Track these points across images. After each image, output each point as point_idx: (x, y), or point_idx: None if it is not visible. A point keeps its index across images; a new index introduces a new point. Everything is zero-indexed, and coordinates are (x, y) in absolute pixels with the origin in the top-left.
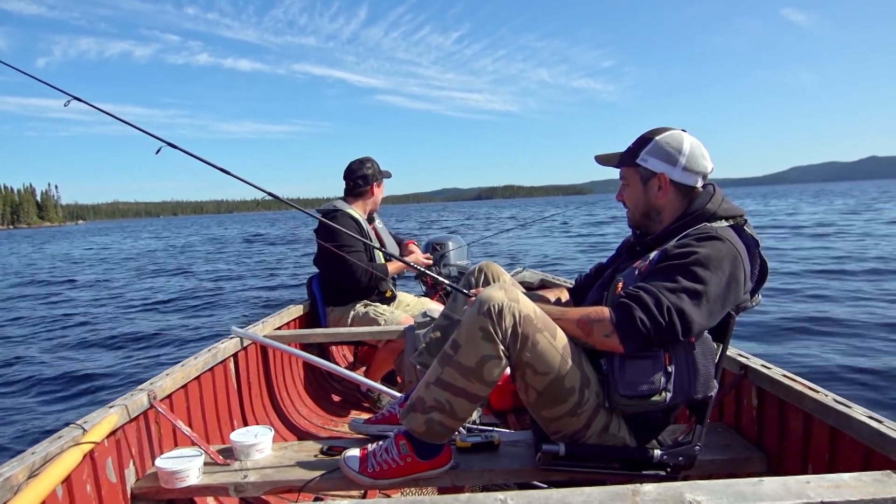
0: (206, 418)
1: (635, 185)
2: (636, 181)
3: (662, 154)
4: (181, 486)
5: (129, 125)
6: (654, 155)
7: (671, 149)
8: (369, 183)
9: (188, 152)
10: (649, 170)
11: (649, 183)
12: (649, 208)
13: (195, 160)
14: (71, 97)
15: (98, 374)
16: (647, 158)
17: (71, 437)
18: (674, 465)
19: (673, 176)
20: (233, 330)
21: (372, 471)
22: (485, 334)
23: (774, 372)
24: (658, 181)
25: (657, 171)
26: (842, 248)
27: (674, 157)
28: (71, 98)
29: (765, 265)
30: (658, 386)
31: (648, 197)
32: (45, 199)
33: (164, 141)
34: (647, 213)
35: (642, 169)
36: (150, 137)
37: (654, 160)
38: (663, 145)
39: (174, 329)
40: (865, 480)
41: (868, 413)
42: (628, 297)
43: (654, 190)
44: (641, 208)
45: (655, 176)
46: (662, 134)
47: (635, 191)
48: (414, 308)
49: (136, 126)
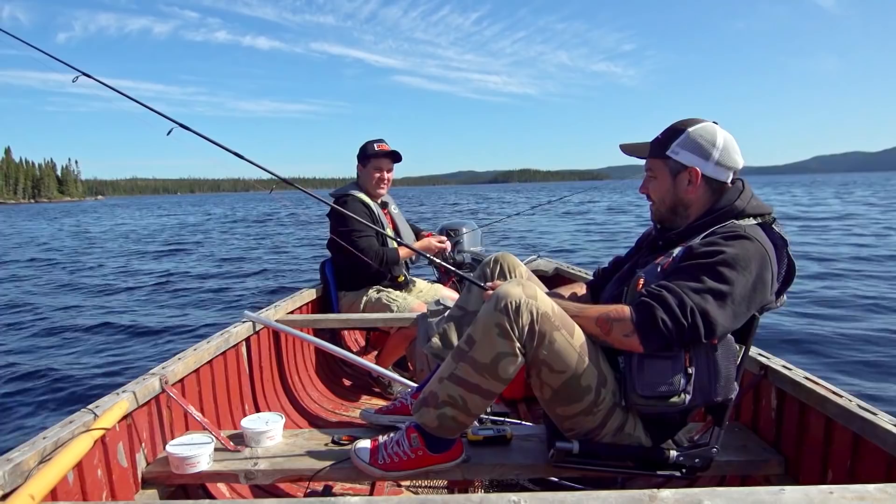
0: (217, 403)
1: (663, 178)
2: (665, 174)
3: (695, 147)
4: (192, 472)
5: (139, 104)
6: (686, 147)
7: (704, 142)
8: (359, 164)
9: (200, 134)
10: (680, 163)
11: (679, 177)
12: (677, 203)
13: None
14: (79, 73)
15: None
16: (679, 151)
17: (82, 423)
18: (689, 466)
19: (705, 170)
20: (245, 314)
21: (382, 462)
22: (501, 331)
23: (796, 374)
24: (688, 175)
25: (688, 165)
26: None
27: (707, 150)
28: (79, 74)
29: (792, 265)
30: (677, 387)
31: (677, 191)
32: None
33: (176, 122)
34: (674, 207)
35: (672, 162)
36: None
37: (685, 153)
38: (696, 138)
39: (186, 313)
40: (891, 492)
41: (894, 421)
42: (650, 296)
43: (684, 184)
44: (668, 203)
45: (686, 170)
46: (695, 126)
47: (663, 184)
48: (427, 294)
49: (147, 105)
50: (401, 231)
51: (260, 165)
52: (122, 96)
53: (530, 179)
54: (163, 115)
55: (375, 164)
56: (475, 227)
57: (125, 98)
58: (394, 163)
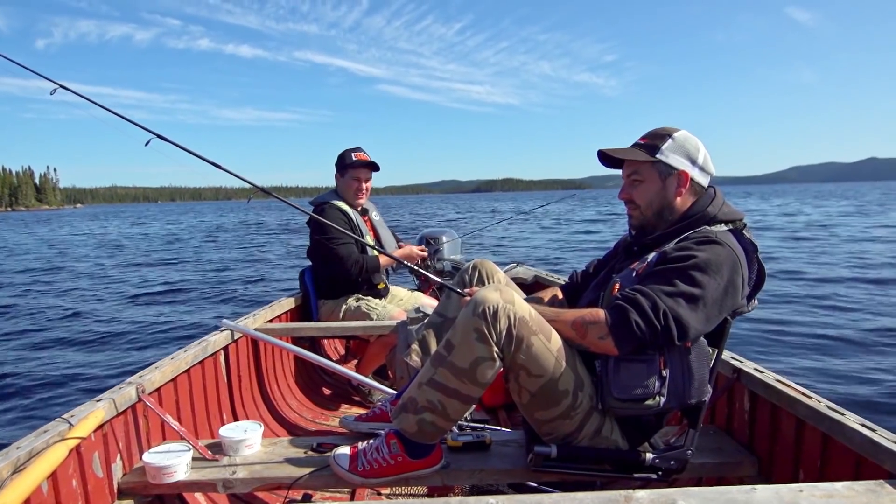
0: (195, 412)
1: (652, 181)
2: (653, 177)
3: (683, 151)
4: (169, 482)
5: (118, 115)
6: (675, 151)
7: (690, 146)
8: (337, 173)
9: (178, 145)
10: (671, 166)
11: (669, 179)
12: (664, 206)
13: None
14: (58, 85)
15: (84, 366)
16: (668, 154)
17: (57, 432)
18: (665, 468)
19: (693, 174)
20: (223, 323)
21: (362, 469)
22: (479, 336)
23: (767, 376)
24: (678, 178)
25: (678, 168)
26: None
27: (693, 154)
28: (57, 86)
29: (762, 270)
30: (652, 390)
31: (666, 194)
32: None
33: (154, 132)
34: (661, 211)
35: (662, 164)
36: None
37: (675, 156)
38: (683, 142)
39: (163, 321)
40: (858, 490)
41: (861, 421)
42: (624, 299)
43: (674, 187)
44: (656, 206)
45: (675, 172)
46: (679, 131)
47: (652, 187)
48: (407, 302)
49: (125, 117)
50: (382, 238)
51: (238, 175)
52: (100, 108)
53: (513, 189)
54: (141, 126)
55: (353, 174)
56: (455, 236)
57: (104, 109)
58: (372, 172)
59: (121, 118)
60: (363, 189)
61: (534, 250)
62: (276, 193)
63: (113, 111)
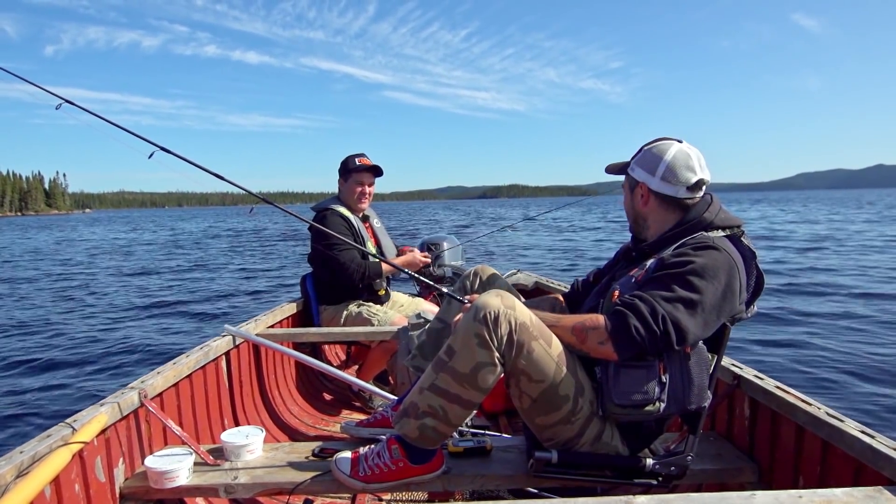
0: (196, 417)
1: (626, 193)
2: (626, 188)
3: (644, 164)
4: (171, 487)
5: (121, 129)
6: (639, 164)
7: (653, 157)
8: (339, 179)
9: (182, 157)
10: (634, 178)
11: (634, 191)
12: (636, 215)
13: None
14: (63, 100)
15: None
16: (635, 168)
17: (60, 437)
18: (665, 474)
19: (651, 185)
20: (225, 328)
21: (363, 474)
22: (480, 341)
23: (767, 383)
24: (640, 189)
25: (639, 180)
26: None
27: (653, 167)
28: (62, 101)
29: (761, 276)
30: (652, 396)
31: (634, 204)
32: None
33: (158, 145)
34: (636, 220)
35: (630, 178)
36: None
37: (638, 169)
38: (647, 155)
39: (166, 326)
40: (857, 496)
41: (861, 427)
42: (623, 305)
43: (638, 198)
44: (631, 215)
45: (638, 184)
46: (653, 144)
47: (626, 198)
48: (408, 308)
49: (129, 130)
50: (383, 245)
51: (240, 186)
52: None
53: (519, 195)
54: (144, 139)
55: (357, 178)
56: (456, 242)
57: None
58: (375, 177)
59: (125, 131)
60: (366, 193)
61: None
62: (283, 199)
63: (117, 124)
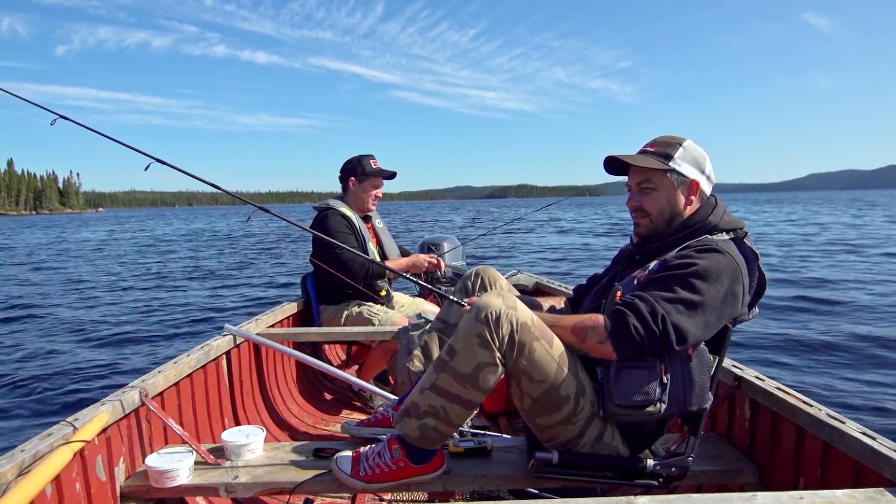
0: (197, 417)
1: (666, 190)
2: (666, 185)
3: (693, 160)
4: (171, 486)
5: (117, 142)
6: (687, 160)
7: (699, 155)
8: (346, 179)
9: (178, 168)
10: (683, 175)
11: (681, 188)
12: (675, 214)
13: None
14: (57, 116)
15: (88, 370)
16: (681, 163)
17: (61, 435)
18: (666, 475)
19: (702, 183)
20: (226, 327)
21: (364, 474)
22: (481, 341)
23: (768, 384)
24: (689, 187)
25: (689, 177)
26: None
27: (702, 164)
28: (57, 117)
29: (763, 278)
30: (653, 397)
31: (677, 202)
32: (67, 186)
33: (153, 157)
34: (672, 219)
35: (676, 173)
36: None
37: (686, 165)
38: (692, 151)
39: (167, 325)
40: (858, 497)
41: (861, 429)
42: (624, 304)
43: (685, 196)
44: (667, 214)
45: (687, 181)
46: (687, 140)
47: (664, 195)
48: (408, 308)
49: (125, 144)
50: (385, 245)
51: (236, 195)
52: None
53: (527, 195)
54: (140, 152)
55: (374, 182)
56: (457, 243)
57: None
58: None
59: (121, 145)
60: (379, 196)
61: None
62: (291, 199)
63: (113, 138)
